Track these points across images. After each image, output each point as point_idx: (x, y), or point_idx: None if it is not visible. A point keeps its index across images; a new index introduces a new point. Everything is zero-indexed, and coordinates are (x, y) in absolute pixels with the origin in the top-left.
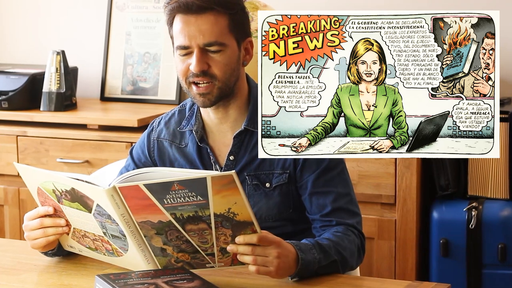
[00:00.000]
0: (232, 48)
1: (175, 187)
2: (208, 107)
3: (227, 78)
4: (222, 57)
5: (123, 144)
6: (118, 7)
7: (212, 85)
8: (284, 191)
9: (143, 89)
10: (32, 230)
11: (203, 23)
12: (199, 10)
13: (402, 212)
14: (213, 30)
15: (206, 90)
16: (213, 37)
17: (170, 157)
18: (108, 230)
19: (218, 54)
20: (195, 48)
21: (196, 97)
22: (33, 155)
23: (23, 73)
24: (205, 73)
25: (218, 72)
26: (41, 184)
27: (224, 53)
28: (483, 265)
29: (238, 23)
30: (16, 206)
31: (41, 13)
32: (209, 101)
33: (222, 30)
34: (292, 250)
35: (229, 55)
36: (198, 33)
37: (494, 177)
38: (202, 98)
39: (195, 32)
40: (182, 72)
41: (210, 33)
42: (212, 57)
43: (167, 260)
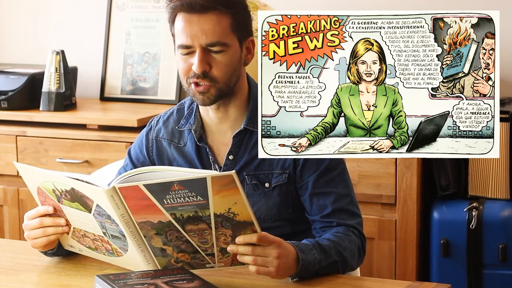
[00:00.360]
0: (234, 48)
1: (175, 187)
2: (207, 105)
3: (227, 79)
4: (224, 57)
5: (123, 144)
6: (118, 6)
7: (212, 86)
8: (284, 191)
9: (143, 89)
10: (32, 229)
11: (206, 22)
12: (202, 9)
13: (403, 212)
14: (216, 30)
15: (205, 89)
16: (215, 37)
17: (169, 156)
18: (108, 230)
19: (220, 54)
20: (197, 48)
21: (196, 95)
22: (32, 155)
23: (23, 73)
24: (206, 75)
25: (218, 74)
26: (41, 184)
27: (226, 53)
28: (483, 265)
29: (241, 22)
30: (15, 206)
31: (41, 12)
32: (209, 99)
33: (224, 30)
34: (293, 250)
35: (231, 55)
36: (201, 33)
37: (494, 177)
38: (202, 97)
39: (198, 31)
40: (184, 71)
41: (213, 33)
42: (214, 57)
43: (167, 261)
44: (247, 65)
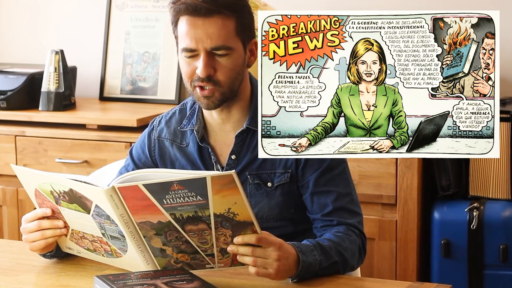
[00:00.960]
0: (238, 51)
1: (175, 187)
2: (211, 109)
3: (231, 82)
4: (228, 61)
5: (122, 144)
6: (117, 6)
7: (216, 90)
8: (286, 190)
9: (143, 89)
10: (30, 232)
11: (211, 26)
12: (207, 13)
13: (403, 213)
14: (221, 34)
15: (210, 93)
16: (220, 41)
17: (171, 156)
18: (107, 231)
19: (224, 58)
20: (202, 52)
21: (200, 99)
22: (31, 155)
23: (22, 72)
24: (210, 79)
25: (223, 78)
26: (38, 186)
27: (231, 57)
28: (484, 266)
29: (245, 25)
30: (14, 206)
31: (40, 12)
32: (213, 103)
33: (229, 34)
34: (293, 252)
35: (235, 58)
36: (206, 37)
37: (495, 178)
38: (206, 101)
39: (202, 35)
40: (188, 75)
41: (218, 37)
42: (218, 61)
43: (166, 261)
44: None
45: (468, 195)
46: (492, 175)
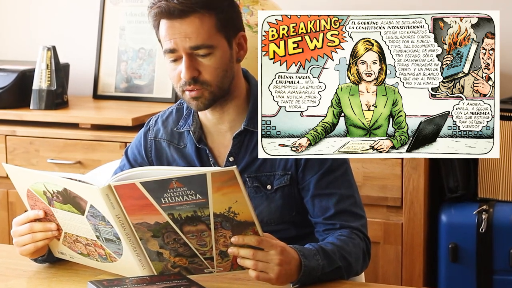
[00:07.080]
0: (222, 48)
1: (173, 184)
2: (202, 110)
3: (219, 81)
4: (212, 60)
5: (117, 144)
6: (112, 0)
7: (205, 89)
8: (286, 193)
9: (138, 87)
10: (21, 235)
11: (188, 27)
12: (182, 14)
13: (409, 215)
14: (200, 33)
15: (198, 94)
16: (199, 40)
17: (168, 157)
18: (101, 234)
19: (207, 58)
20: (183, 54)
21: (190, 101)
22: (22, 156)
23: (12, 69)
24: (196, 80)
25: (209, 78)
26: (31, 186)
27: (214, 56)
28: (493, 271)
29: (227, 20)
30: (4, 209)
31: (31, 6)
32: (203, 104)
33: (209, 32)
34: (295, 256)
35: (219, 56)
36: (184, 38)
37: (505, 179)
38: (195, 102)
39: (181, 36)
40: (175, 80)
41: (196, 36)
42: (201, 62)
43: (163, 265)
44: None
45: (477, 197)
46: (502, 177)
